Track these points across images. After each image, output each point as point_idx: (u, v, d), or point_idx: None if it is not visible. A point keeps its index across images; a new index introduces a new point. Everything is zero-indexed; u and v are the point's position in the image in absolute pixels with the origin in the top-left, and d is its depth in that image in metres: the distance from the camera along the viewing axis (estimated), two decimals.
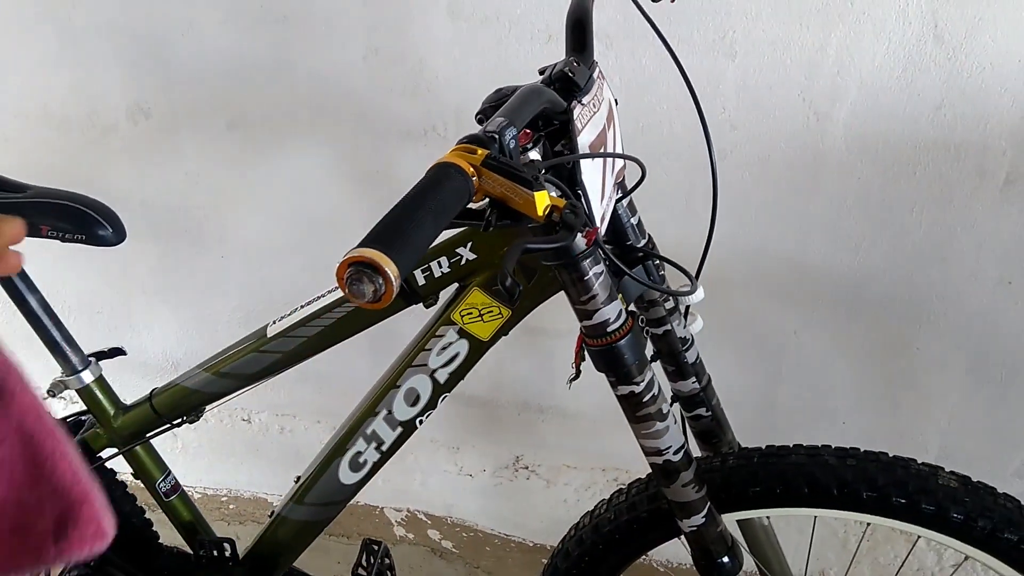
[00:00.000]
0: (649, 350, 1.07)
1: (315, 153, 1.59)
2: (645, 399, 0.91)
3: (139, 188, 1.73)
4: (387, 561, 1.29)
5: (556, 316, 0.88)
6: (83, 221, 1.02)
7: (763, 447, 1.04)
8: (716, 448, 1.12)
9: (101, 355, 1.16)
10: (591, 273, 0.83)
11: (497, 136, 0.66)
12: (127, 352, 1.17)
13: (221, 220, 1.75)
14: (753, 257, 1.45)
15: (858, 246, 1.40)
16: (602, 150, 0.85)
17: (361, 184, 1.60)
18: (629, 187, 0.96)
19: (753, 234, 1.43)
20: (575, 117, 0.77)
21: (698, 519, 0.98)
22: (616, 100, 0.94)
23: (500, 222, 0.63)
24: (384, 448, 1.06)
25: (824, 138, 1.33)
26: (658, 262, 1.00)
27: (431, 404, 1.02)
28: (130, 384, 2.02)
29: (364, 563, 1.25)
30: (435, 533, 1.87)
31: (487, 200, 0.64)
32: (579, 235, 0.77)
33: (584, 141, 0.79)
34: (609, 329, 0.86)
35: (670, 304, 1.05)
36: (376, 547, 1.28)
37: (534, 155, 0.77)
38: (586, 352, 0.91)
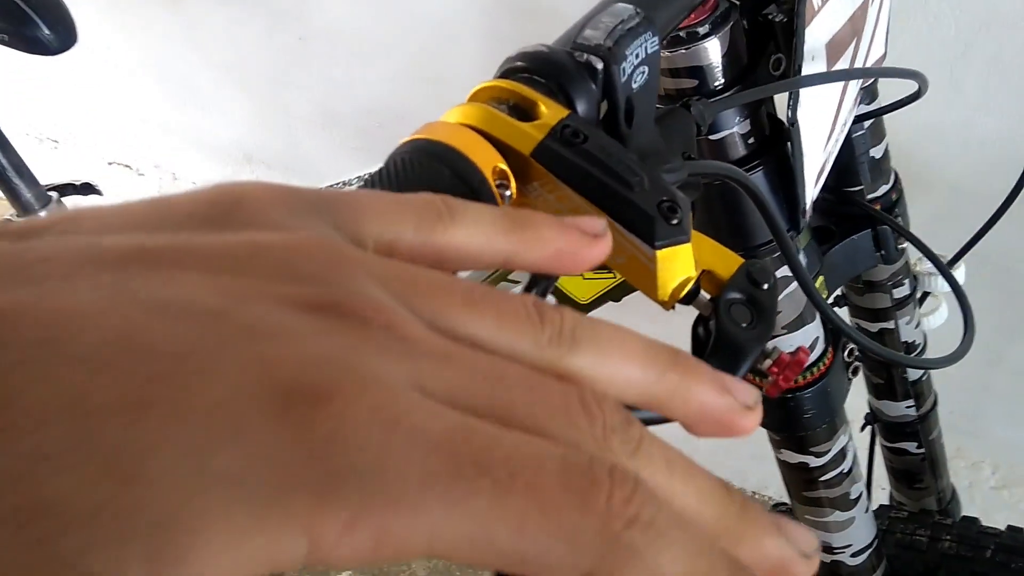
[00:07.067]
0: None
1: None
2: (826, 477, 0.53)
3: None
4: None
5: None
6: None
7: (1003, 529, 0.65)
8: (917, 495, 0.73)
9: (68, 189, 0.83)
10: None
11: (604, 64, 0.26)
12: (103, 192, 0.85)
13: None
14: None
15: None
16: (851, 51, 0.41)
17: None
18: (885, 103, 0.52)
19: None
20: None
21: None
22: None
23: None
24: None
25: None
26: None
27: None
28: (202, 170, 1.76)
29: None
30: None
31: None
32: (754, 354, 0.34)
33: (816, 41, 0.36)
34: None
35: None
36: None
37: (712, 49, 0.35)
38: None
